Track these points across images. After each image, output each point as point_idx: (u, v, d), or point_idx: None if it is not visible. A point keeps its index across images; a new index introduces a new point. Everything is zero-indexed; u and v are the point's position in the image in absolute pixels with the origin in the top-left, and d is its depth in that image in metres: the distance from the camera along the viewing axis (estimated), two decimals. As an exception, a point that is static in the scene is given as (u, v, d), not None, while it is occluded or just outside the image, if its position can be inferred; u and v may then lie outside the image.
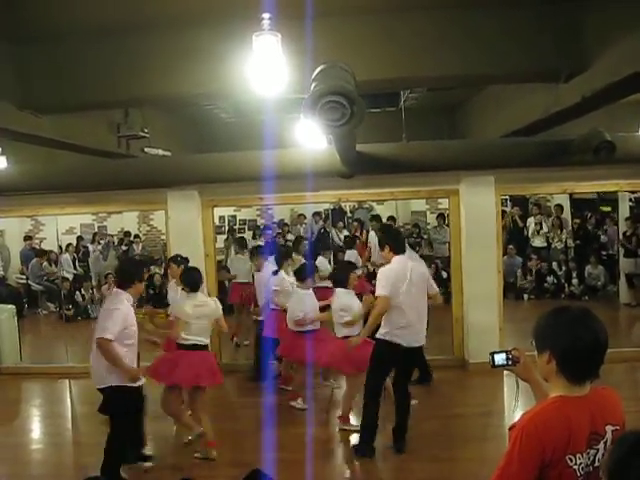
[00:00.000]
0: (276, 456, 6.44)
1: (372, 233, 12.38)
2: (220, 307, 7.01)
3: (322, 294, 8.57)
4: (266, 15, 4.95)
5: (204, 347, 6.78)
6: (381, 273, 6.61)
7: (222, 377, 6.95)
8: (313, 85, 4.28)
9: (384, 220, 15.23)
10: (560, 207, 15.62)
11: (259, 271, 9.50)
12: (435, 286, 6.87)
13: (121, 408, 5.90)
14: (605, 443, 2.59)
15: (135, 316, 6.11)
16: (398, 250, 6.65)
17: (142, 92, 7.80)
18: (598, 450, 2.58)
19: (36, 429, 8.33)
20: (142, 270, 6.25)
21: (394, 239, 6.87)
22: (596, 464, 2.57)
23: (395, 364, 6.64)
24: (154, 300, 11.02)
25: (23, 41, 7.45)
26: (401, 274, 6.49)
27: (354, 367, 7.12)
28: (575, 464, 2.51)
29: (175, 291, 7.86)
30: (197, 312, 6.65)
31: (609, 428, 2.61)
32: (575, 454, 2.52)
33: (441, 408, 6.71)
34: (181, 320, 6.63)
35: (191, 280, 6.86)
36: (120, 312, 5.79)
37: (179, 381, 6.70)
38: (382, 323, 6.57)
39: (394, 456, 6.68)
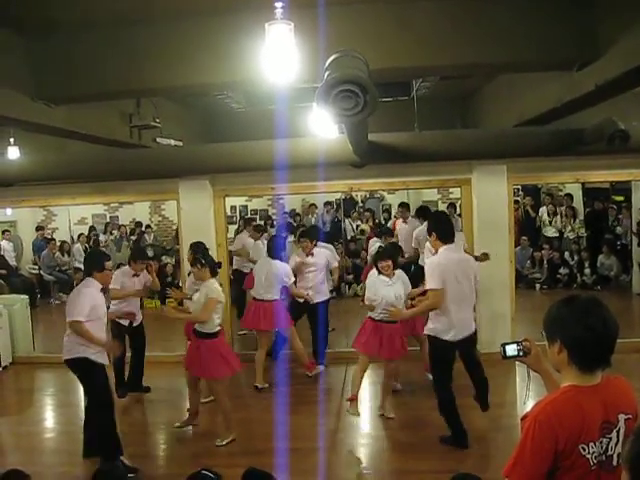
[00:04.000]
0: (287, 445, 6.49)
1: (400, 221, 12.14)
2: None
3: None
4: (279, 4, 4.94)
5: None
6: (429, 266, 6.48)
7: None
8: (326, 74, 4.27)
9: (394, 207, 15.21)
10: (570, 196, 15.57)
11: (311, 255, 9.28)
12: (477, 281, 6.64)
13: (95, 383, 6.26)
14: (618, 432, 2.59)
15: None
16: (446, 239, 6.43)
17: (154, 82, 7.80)
18: (611, 439, 2.57)
19: (49, 418, 8.38)
20: (98, 262, 6.47)
21: (442, 227, 6.58)
22: (609, 453, 2.57)
23: (449, 357, 6.53)
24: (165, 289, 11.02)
25: (36, 32, 7.46)
26: (447, 267, 6.33)
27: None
28: (588, 453, 2.51)
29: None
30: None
31: (622, 417, 2.60)
32: (588, 443, 2.51)
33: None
34: (214, 300, 6.74)
35: (211, 262, 7.09)
36: (86, 296, 6.25)
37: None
38: (429, 318, 6.55)
39: (405, 445, 6.70)
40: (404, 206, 12.21)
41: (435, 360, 6.58)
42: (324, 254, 9.39)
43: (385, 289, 7.22)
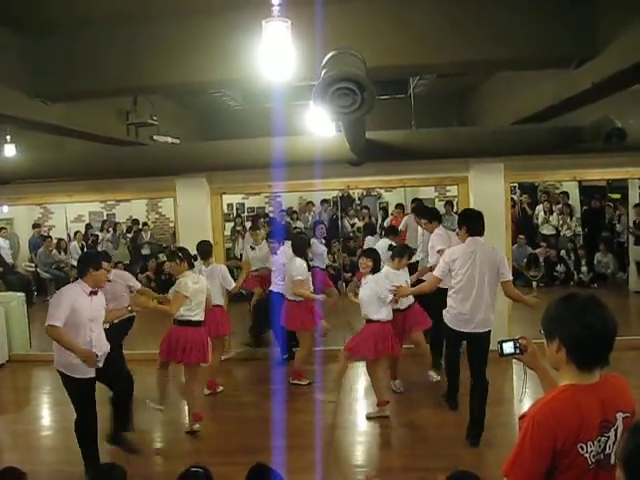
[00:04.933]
0: (286, 443, 6.48)
1: (407, 217, 12.23)
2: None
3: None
4: (276, 1, 4.92)
5: (200, 323, 7.19)
6: (444, 255, 6.74)
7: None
8: (324, 71, 4.26)
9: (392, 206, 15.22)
10: (566, 194, 15.59)
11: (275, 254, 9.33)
12: (507, 274, 6.60)
13: (74, 396, 6.11)
14: (616, 430, 2.59)
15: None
16: (472, 232, 6.57)
17: (152, 80, 7.77)
18: (609, 437, 2.57)
19: (46, 416, 8.38)
20: (95, 260, 6.28)
21: (470, 220, 6.72)
22: (607, 451, 2.57)
23: (454, 345, 6.85)
24: (164, 287, 11.01)
25: (33, 30, 7.43)
26: (463, 258, 6.47)
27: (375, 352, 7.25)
28: (586, 452, 2.51)
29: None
30: (195, 288, 7.09)
31: (620, 415, 2.60)
32: (586, 442, 2.51)
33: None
34: (181, 295, 6.96)
35: (187, 256, 7.29)
36: (65, 298, 5.93)
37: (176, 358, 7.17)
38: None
39: (403, 443, 6.70)
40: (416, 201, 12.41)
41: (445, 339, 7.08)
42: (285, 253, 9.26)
43: (361, 290, 7.46)
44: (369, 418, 7.38)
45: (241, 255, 12.77)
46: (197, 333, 7.08)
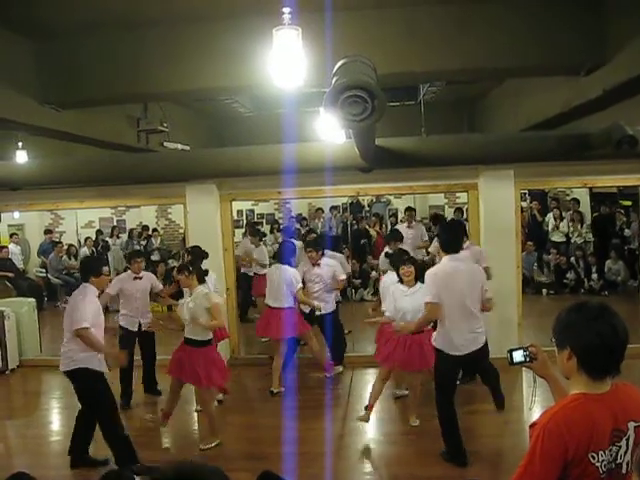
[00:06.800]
0: (293, 450, 6.47)
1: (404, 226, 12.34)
2: None
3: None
4: (286, 9, 4.94)
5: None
6: (428, 276, 6.14)
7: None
8: (334, 79, 4.27)
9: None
10: (576, 201, 15.52)
11: (317, 266, 9.11)
12: (487, 293, 6.27)
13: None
14: (627, 440, 2.56)
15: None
16: (447, 249, 6.13)
17: (161, 86, 7.81)
18: (620, 447, 2.55)
19: (56, 421, 8.39)
20: (100, 265, 6.68)
21: (447, 236, 6.33)
22: (618, 461, 2.55)
23: (450, 373, 6.24)
24: (173, 293, 11.02)
25: (44, 37, 7.48)
26: (445, 278, 6.03)
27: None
28: (597, 461, 2.49)
29: None
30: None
31: (631, 425, 2.58)
32: (597, 452, 2.49)
33: (460, 404, 6.65)
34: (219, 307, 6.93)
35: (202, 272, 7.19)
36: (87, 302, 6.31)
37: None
38: (436, 330, 6.23)
39: (412, 450, 6.68)
40: (410, 210, 12.37)
41: (436, 373, 6.30)
42: (331, 266, 9.16)
43: (404, 299, 6.97)
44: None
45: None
46: (213, 351, 6.98)
